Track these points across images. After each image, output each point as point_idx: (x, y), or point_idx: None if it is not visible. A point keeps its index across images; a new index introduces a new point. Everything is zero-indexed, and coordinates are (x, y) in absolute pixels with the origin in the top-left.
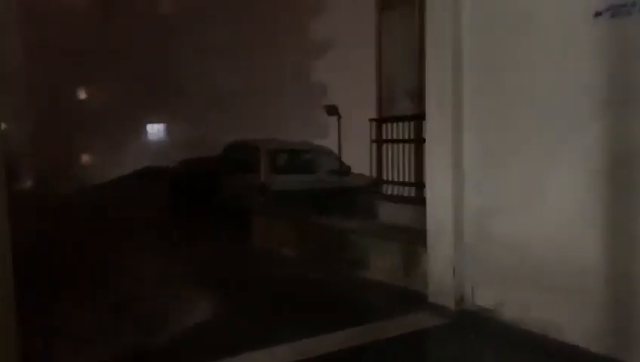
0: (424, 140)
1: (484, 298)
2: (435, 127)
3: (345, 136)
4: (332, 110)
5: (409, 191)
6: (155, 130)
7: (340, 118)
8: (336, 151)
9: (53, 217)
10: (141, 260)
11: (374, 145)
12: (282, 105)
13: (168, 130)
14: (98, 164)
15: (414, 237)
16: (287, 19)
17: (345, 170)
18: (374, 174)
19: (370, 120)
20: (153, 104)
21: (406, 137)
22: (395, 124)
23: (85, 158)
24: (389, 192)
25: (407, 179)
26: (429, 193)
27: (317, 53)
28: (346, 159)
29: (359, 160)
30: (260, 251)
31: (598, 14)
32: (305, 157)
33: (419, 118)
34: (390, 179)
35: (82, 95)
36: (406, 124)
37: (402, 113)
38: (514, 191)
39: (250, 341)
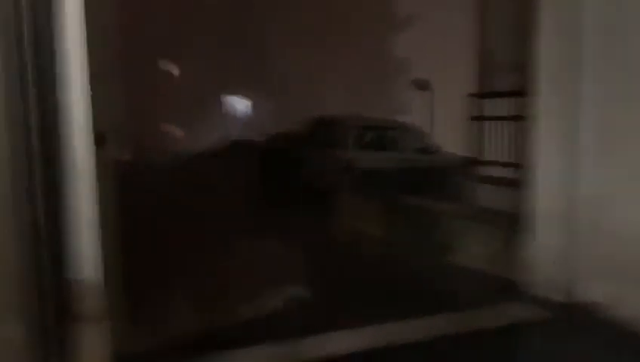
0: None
1: (594, 292)
2: (549, 101)
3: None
4: (423, 84)
5: (513, 173)
6: (240, 104)
7: (432, 92)
8: (424, 128)
9: (148, 191)
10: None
11: (473, 123)
12: (365, 81)
13: (254, 105)
14: (186, 135)
15: (516, 223)
16: None
17: (434, 149)
18: (471, 153)
19: (470, 95)
20: (239, 79)
21: (511, 114)
22: (498, 100)
23: (173, 130)
24: (489, 174)
25: (510, 160)
26: (535, 175)
27: (401, 27)
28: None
29: (449, 138)
30: (344, 232)
31: None
32: (391, 134)
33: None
34: (490, 159)
35: (171, 68)
36: (511, 100)
37: (507, 89)
38: (636, 176)
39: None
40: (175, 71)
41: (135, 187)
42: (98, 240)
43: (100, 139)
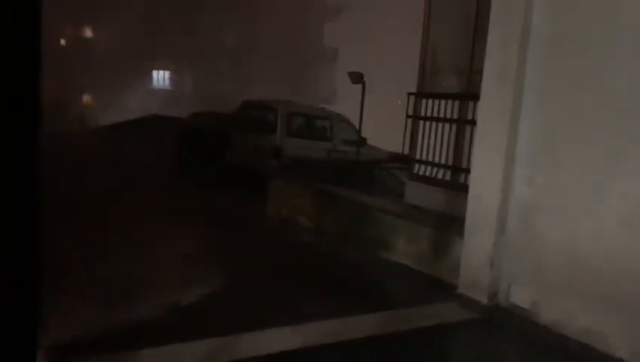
0: (469, 121)
1: (520, 296)
2: (490, 108)
3: (356, 106)
4: (357, 77)
5: (444, 175)
6: (162, 78)
7: (364, 86)
8: (353, 120)
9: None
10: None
11: (409, 121)
12: (294, 68)
13: (176, 80)
14: (101, 105)
15: (446, 223)
16: None
17: (361, 141)
18: (405, 151)
19: (410, 93)
20: (161, 50)
21: (448, 116)
22: (435, 101)
23: (88, 99)
24: (419, 172)
25: (443, 161)
26: (473, 178)
27: (330, 16)
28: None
29: (378, 132)
30: (273, 218)
31: None
32: (321, 123)
33: (469, 96)
34: (422, 158)
35: (87, 33)
36: (449, 102)
37: (444, 90)
38: (570, 187)
39: (257, 316)
40: (96, 39)
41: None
42: None
43: None
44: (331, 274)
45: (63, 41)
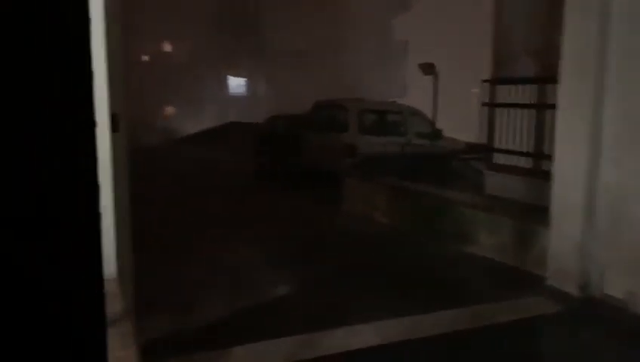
0: (549, 106)
1: (614, 286)
2: (571, 91)
3: (429, 97)
4: (428, 68)
5: (525, 162)
6: (237, 85)
7: (436, 77)
8: (426, 112)
9: (149, 170)
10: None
11: (485, 109)
12: (364, 64)
13: (251, 86)
14: (183, 116)
15: (529, 213)
16: None
17: (436, 133)
18: (482, 140)
19: (484, 81)
20: (236, 57)
21: (525, 102)
22: (512, 87)
23: (170, 111)
24: (499, 161)
25: (523, 149)
26: (556, 165)
27: (399, 9)
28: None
29: (452, 123)
30: (350, 215)
31: None
32: (394, 118)
33: (546, 80)
34: (501, 147)
35: (165, 48)
36: (525, 87)
37: (519, 75)
38: None
39: (337, 314)
40: (175, 52)
41: (142, 173)
42: (114, 236)
43: (115, 123)
44: (415, 270)
45: (145, 57)
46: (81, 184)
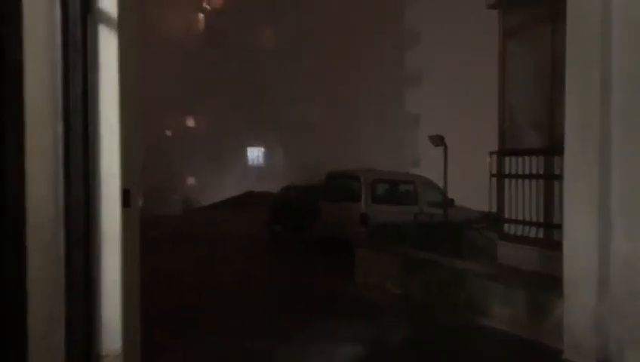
0: (556, 176)
1: (629, 360)
2: (576, 163)
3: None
4: (438, 140)
5: (536, 232)
6: (256, 156)
7: (446, 148)
8: (437, 182)
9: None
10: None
11: (493, 180)
12: (378, 136)
13: (268, 156)
14: (203, 187)
15: (542, 283)
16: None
17: (448, 202)
18: (492, 210)
19: (491, 153)
20: (253, 129)
21: (532, 173)
22: (518, 158)
23: (191, 181)
24: (510, 231)
25: (532, 219)
26: (566, 235)
27: (411, 83)
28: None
29: (461, 193)
30: (361, 285)
31: None
32: (405, 187)
33: (551, 151)
34: (511, 217)
35: (186, 122)
36: (532, 158)
37: (527, 147)
38: None
39: None
40: (196, 126)
41: (157, 246)
42: (120, 311)
43: (127, 199)
44: (427, 344)
45: (168, 132)
46: None
